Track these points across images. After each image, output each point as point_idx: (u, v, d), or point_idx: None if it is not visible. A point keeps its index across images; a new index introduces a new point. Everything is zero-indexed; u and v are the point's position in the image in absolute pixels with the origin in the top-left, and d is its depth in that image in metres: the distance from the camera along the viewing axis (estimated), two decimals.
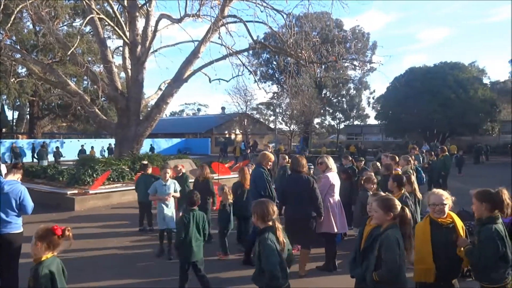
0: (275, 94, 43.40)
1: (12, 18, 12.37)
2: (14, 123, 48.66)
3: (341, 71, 25.90)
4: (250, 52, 21.31)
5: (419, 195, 5.72)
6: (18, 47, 21.08)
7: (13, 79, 20.59)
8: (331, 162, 5.99)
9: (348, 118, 50.44)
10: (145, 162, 9.30)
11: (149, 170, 8.61)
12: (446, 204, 3.47)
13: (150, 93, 18.19)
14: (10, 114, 47.23)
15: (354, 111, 49.87)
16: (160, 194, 6.56)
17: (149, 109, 18.29)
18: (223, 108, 52.00)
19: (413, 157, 9.80)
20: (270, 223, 3.22)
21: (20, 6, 12.33)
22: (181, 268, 4.80)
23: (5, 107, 42.49)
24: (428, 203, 3.59)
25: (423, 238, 3.48)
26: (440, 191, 3.63)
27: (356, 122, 51.90)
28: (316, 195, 5.38)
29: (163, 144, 38.42)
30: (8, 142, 29.13)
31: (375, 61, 23.56)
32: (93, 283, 5.34)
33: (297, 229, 5.21)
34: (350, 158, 10.24)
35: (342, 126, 51.33)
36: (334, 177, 5.88)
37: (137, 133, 15.23)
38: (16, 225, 4.64)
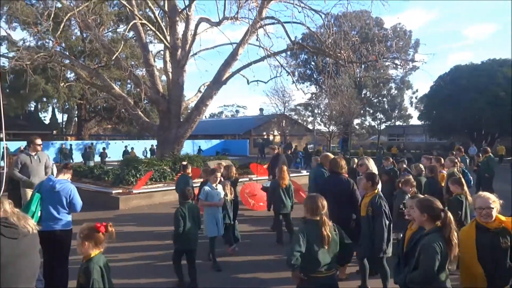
0: (314, 95, 42.93)
1: (61, 26, 13.01)
2: (63, 125, 51.22)
3: (382, 71, 25.31)
4: (288, 53, 21.22)
5: (470, 198, 5.48)
6: (67, 53, 22.28)
7: (63, 83, 21.68)
8: (371, 164, 5.89)
9: (390, 118, 49.01)
10: (185, 162, 9.49)
11: (189, 171, 8.78)
12: (493, 208, 3.31)
13: (190, 95, 18.55)
14: (60, 117, 49.84)
15: (396, 111, 48.37)
16: (211, 199, 6.15)
17: (189, 111, 18.69)
18: (261, 110, 52.10)
19: (459, 158, 9.38)
20: (318, 217, 3.37)
21: (68, 15, 12.98)
22: (175, 253, 5.25)
23: (56, 110, 45.03)
24: (474, 207, 3.44)
25: (468, 242, 3.34)
26: (487, 194, 3.47)
27: (398, 123, 50.35)
28: (357, 197, 5.29)
29: (202, 145, 39.12)
30: (58, 143, 30.77)
31: (417, 60, 22.86)
32: (134, 281, 5.53)
33: None
34: (391, 160, 9.97)
35: (383, 126, 49.99)
36: None
37: (178, 134, 15.60)
38: (67, 222, 4.86)
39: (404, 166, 9.46)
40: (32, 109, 40.21)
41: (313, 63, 41.82)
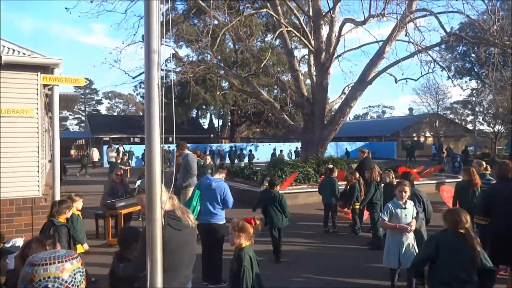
0: (474, 91, 38.05)
1: (217, 41, 14.41)
2: (219, 130, 56.76)
3: None
4: (443, 46, 19.32)
5: None
6: (222, 65, 24.61)
7: (219, 92, 24.11)
8: None
9: None
10: (331, 166, 9.46)
11: (335, 174, 8.77)
12: None
13: (334, 97, 18.49)
14: (216, 122, 55.44)
15: None
16: (397, 220, 4.83)
17: (333, 113, 18.62)
18: (410, 109, 48.84)
19: None
20: (462, 230, 3.20)
21: (223, 29, 14.29)
22: (270, 231, 6.54)
23: (213, 116, 50.37)
24: None
25: None
26: None
27: None
28: None
29: (347, 147, 38.50)
30: (215, 146, 34.32)
31: None
32: (276, 274, 5.73)
33: (508, 247, 4.42)
34: None
35: None
36: None
37: (322, 137, 15.66)
38: (221, 216, 5.38)
39: None
40: (194, 115, 45.73)
41: (473, 55, 37.06)
